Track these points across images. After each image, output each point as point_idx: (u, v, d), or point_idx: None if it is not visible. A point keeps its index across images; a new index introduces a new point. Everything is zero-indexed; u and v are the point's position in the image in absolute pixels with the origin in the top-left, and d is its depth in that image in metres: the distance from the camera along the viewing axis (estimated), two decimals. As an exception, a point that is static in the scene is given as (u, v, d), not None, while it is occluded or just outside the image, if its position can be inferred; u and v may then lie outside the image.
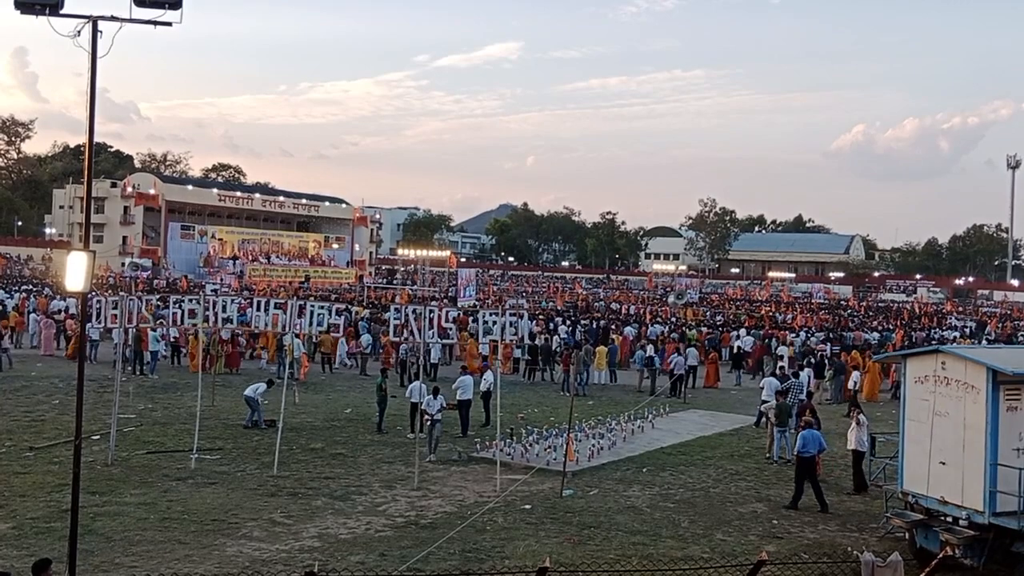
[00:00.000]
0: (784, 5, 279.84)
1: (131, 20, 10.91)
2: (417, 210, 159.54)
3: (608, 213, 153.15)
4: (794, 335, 41.79)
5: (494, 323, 19.20)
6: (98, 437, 19.60)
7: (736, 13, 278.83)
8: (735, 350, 37.55)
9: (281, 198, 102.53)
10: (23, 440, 19.49)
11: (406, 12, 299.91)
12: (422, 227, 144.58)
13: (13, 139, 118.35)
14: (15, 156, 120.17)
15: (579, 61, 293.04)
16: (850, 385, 28.68)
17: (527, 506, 15.98)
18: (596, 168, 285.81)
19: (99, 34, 10.93)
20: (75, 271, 10.65)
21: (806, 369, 29.78)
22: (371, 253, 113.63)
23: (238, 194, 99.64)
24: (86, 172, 12.03)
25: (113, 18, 10.89)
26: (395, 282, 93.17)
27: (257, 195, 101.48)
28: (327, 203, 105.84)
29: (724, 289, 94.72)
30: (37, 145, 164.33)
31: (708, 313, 61.00)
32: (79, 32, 10.91)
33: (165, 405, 24.79)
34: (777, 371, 28.23)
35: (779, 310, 65.83)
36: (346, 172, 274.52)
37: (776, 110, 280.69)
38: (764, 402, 23.56)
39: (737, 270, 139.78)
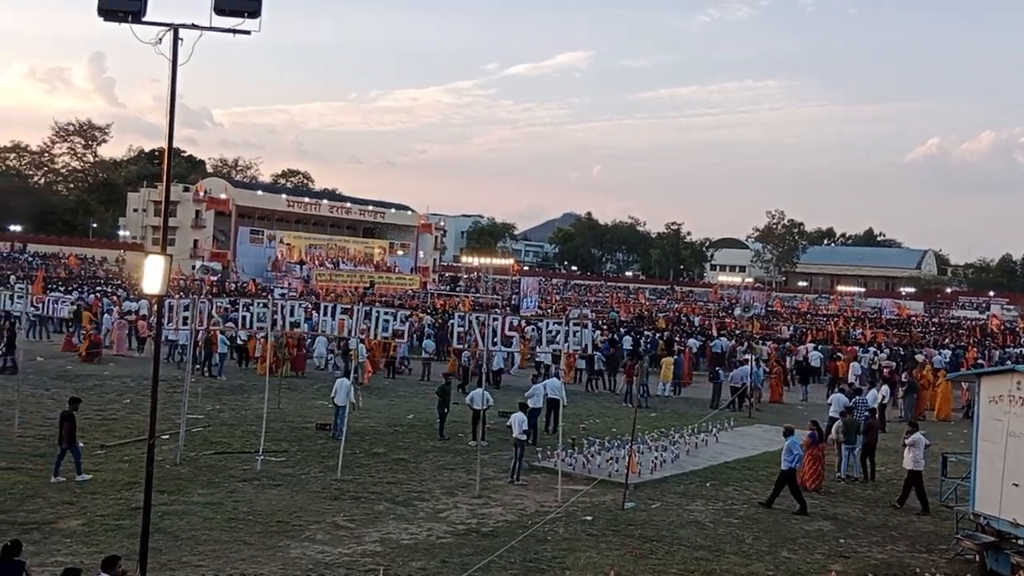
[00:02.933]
0: (861, 15, 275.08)
1: (211, 28, 11.09)
2: (481, 218, 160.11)
3: (673, 223, 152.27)
4: (862, 350, 41.10)
5: (557, 332, 19.17)
6: (167, 437, 19.92)
7: (810, 21, 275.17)
8: (804, 363, 37.05)
9: (348, 204, 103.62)
10: (95, 438, 19.88)
11: (476, 21, 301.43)
12: (486, 235, 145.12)
13: (90, 143, 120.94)
14: (91, 159, 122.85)
15: (649, 70, 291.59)
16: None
17: (588, 517, 15.92)
18: (663, 178, 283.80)
19: (180, 42, 11.16)
20: (152, 274, 10.82)
21: (883, 387, 28.96)
22: (435, 260, 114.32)
23: (306, 200, 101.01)
24: (165, 177, 12.26)
25: (194, 26, 11.09)
26: (458, 289, 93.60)
27: (325, 201, 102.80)
28: (393, 210, 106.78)
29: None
30: (113, 149, 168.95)
31: (780, 326, 60.14)
32: (160, 39, 11.14)
33: (232, 407, 25.21)
34: (845, 387, 27.72)
35: (847, 325, 64.70)
36: (413, 179, 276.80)
37: (848, 120, 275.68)
38: (832, 419, 23.12)
39: (805, 283, 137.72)
